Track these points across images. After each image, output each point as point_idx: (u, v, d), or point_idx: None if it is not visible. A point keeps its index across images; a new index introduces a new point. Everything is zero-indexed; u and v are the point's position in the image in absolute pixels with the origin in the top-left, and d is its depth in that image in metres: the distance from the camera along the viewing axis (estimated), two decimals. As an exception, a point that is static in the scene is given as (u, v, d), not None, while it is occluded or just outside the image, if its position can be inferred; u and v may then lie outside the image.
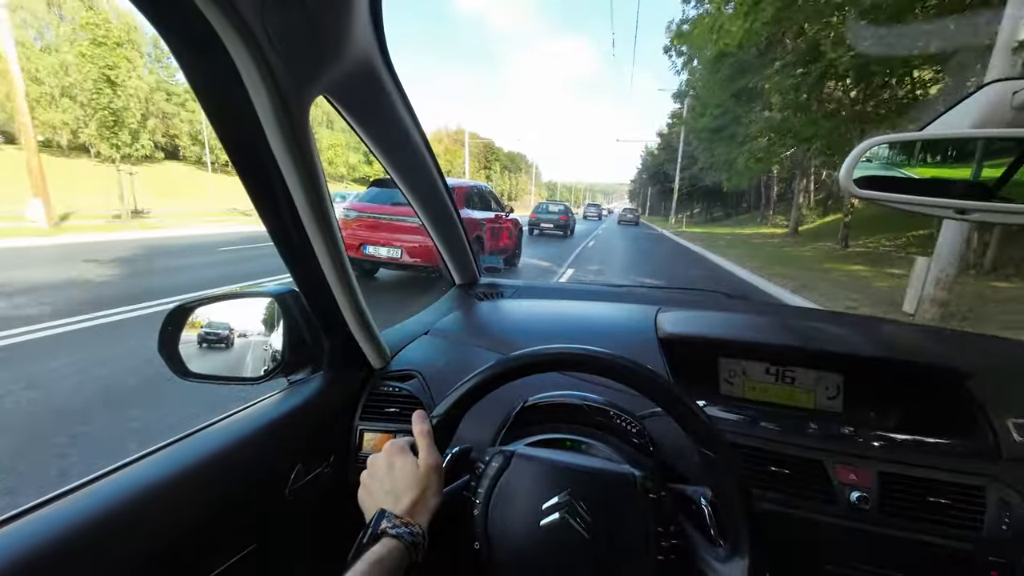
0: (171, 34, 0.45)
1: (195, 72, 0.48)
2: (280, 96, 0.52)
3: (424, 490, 0.52)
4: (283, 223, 0.66)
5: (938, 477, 0.73)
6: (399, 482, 0.53)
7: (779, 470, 0.77)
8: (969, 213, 0.57)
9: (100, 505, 0.51)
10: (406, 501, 0.51)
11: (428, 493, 0.53)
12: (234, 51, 0.46)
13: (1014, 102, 0.54)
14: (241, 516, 0.64)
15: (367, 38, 0.57)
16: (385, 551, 0.46)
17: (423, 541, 0.49)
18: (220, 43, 0.45)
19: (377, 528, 0.48)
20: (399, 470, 0.54)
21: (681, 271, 10.53)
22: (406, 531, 0.48)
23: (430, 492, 0.53)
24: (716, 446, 0.51)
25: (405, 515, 0.50)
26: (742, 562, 0.47)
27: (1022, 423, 0.79)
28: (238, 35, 0.45)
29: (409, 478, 0.53)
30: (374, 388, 0.93)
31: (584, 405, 0.80)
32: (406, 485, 0.53)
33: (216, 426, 0.69)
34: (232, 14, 0.43)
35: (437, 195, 0.99)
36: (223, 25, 0.43)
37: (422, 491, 0.52)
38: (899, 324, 1.27)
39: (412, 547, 0.47)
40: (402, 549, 0.46)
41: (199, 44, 0.45)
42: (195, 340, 0.83)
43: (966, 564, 0.69)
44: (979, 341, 1.12)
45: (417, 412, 0.58)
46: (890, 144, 0.61)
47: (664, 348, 0.98)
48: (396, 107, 0.71)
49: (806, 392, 0.94)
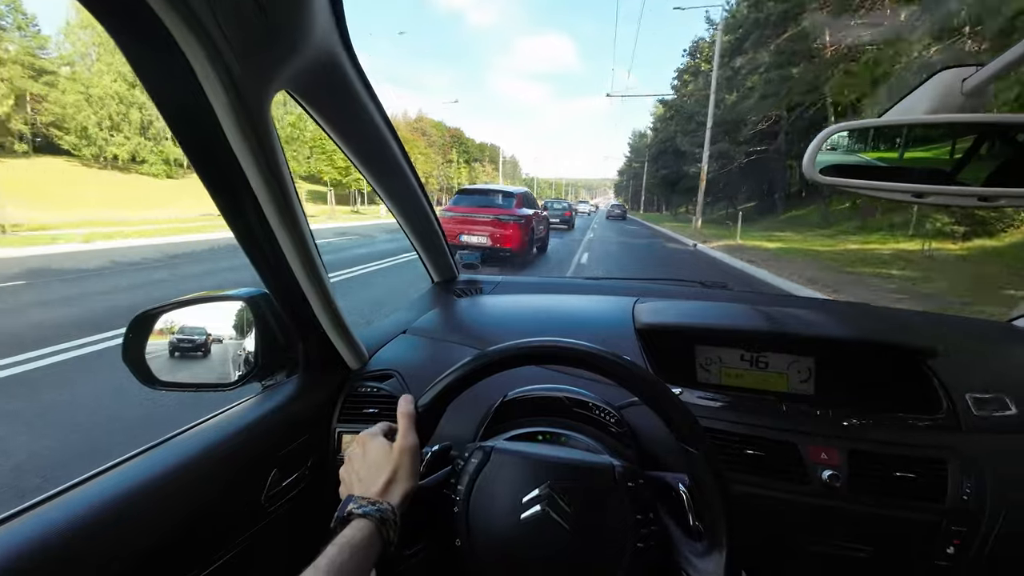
0: (117, 29, 0.43)
1: (145, 69, 0.46)
2: (237, 92, 0.50)
3: (395, 470, 0.52)
4: (248, 224, 0.64)
5: (903, 453, 0.76)
6: (371, 467, 0.53)
7: (755, 453, 0.79)
8: (925, 196, 0.59)
9: (67, 518, 0.50)
10: (378, 483, 0.51)
11: (400, 474, 0.52)
12: (185, 45, 0.44)
13: (964, 88, 0.56)
14: (215, 525, 0.63)
15: (328, 32, 0.55)
16: (354, 532, 0.45)
17: (393, 518, 0.48)
18: (170, 37, 0.43)
19: (344, 511, 0.48)
20: (370, 454, 0.54)
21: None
22: (373, 509, 0.47)
23: (402, 472, 0.52)
24: (696, 441, 0.52)
25: (375, 496, 0.50)
26: (719, 557, 0.48)
27: (979, 397, 0.82)
28: (188, 28, 0.43)
29: (380, 460, 0.53)
30: (352, 390, 0.92)
31: (564, 398, 0.80)
32: (377, 468, 0.52)
33: (186, 434, 0.68)
34: (180, 6, 0.41)
35: (410, 192, 0.98)
36: (172, 19, 0.42)
37: (393, 471, 0.52)
38: (867, 307, 1.32)
39: (381, 523, 0.47)
40: (371, 527, 0.46)
41: (147, 39, 0.43)
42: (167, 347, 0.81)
43: (931, 534, 0.72)
44: (940, 320, 1.17)
45: (404, 396, 0.58)
46: (850, 132, 0.62)
47: (641, 338, 0.99)
48: (362, 103, 0.69)
49: (779, 376, 0.96)
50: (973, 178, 0.58)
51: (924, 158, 0.61)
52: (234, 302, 0.83)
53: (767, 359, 0.97)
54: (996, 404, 0.82)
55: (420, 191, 1.02)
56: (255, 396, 0.81)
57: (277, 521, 0.73)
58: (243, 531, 0.67)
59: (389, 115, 0.75)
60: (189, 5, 0.42)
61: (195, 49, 0.45)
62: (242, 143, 0.54)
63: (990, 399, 0.83)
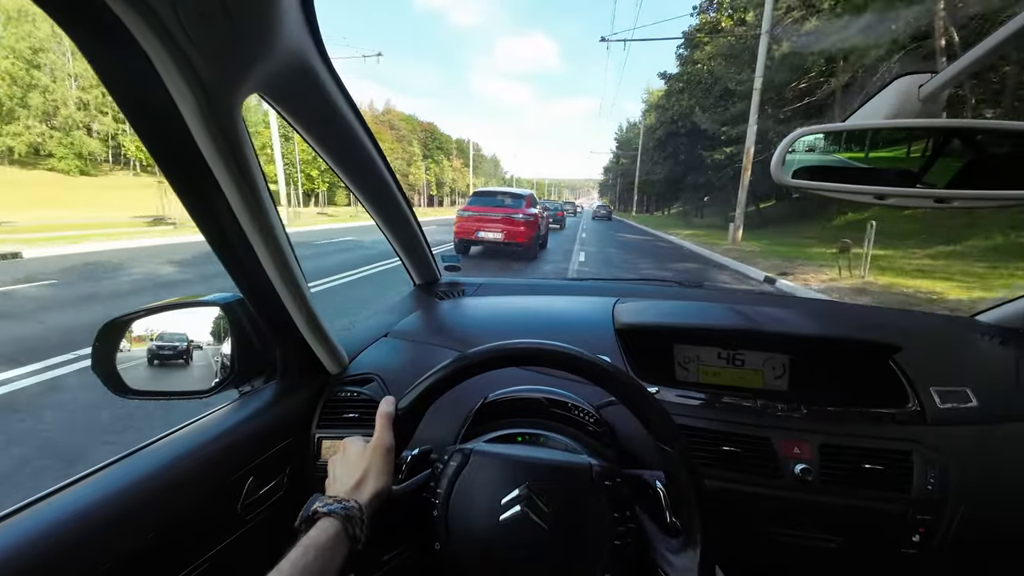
0: (79, 32, 0.42)
1: (107, 69, 0.45)
2: (206, 95, 0.49)
3: (367, 469, 0.52)
4: (221, 229, 0.63)
5: (871, 445, 0.79)
6: (346, 466, 0.53)
7: (731, 449, 0.81)
8: (886, 198, 0.61)
9: (37, 529, 0.49)
10: (350, 482, 0.51)
11: (371, 472, 0.52)
12: (150, 49, 0.43)
13: (920, 94, 0.58)
14: (188, 535, 0.62)
15: (299, 34, 0.55)
16: (319, 532, 0.45)
17: (360, 515, 0.48)
18: (132, 39, 0.42)
19: (308, 511, 0.47)
20: (347, 457, 0.54)
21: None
22: (339, 507, 0.47)
23: (374, 471, 0.52)
24: (672, 440, 0.53)
25: (344, 495, 0.49)
26: (694, 553, 0.49)
27: (943, 390, 0.86)
28: (152, 32, 0.42)
29: (355, 460, 0.53)
30: (332, 395, 0.91)
31: (543, 399, 0.81)
32: (351, 467, 0.52)
33: (158, 444, 0.66)
34: (143, 9, 0.40)
35: (388, 193, 0.97)
36: (133, 19, 0.41)
37: (365, 470, 0.52)
38: (839, 304, 1.35)
39: (347, 520, 0.46)
40: (337, 526, 0.45)
41: (110, 42, 0.43)
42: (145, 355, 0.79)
43: (898, 523, 0.75)
44: (908, 316, 1.21)
45: (386, 397, 0.58)
46: (815, 135, 0.64)
47: (621, 338, 1.01)
48: (337, 105, 0.69)
49: (755, 373, 0.99)
50: (930, 180, 0.60)
51: (885, 161, 0.63)
52: (209, 308, 0.82)
53: (743, 357, 0.99)
54: (959, 397, 0.85)
55: (399, 193, 1.02)
56: (231, 403, 0.80)
57: (255, 529, 0.72)
58: (218, 541, 0.66)
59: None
60: (150, 6, 0.41)
61: (159, 51, 0.44)
62: (212, 146, 0.53)
63: (953, 392, 0.86)
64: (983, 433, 0.79)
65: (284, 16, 0.50)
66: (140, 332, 0.79)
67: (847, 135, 0.67)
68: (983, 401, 0.84)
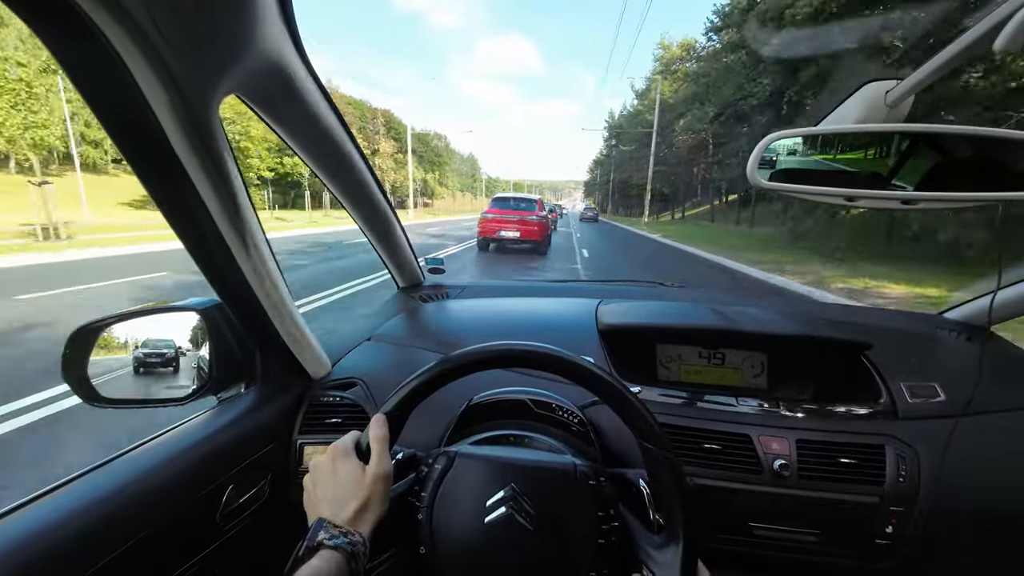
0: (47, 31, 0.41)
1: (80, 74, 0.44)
2: (181, 96, 0.48)
3: (368, 498, 0.51)
4: (198, 232, 0.62)
5: (846, 440, 0.81)
6: (342, 489, 0.51)
7: (712, 446, 0.82)
8: (856, 200, 0.64)
9: (5, 544, 0.47)
10: (349, 509, 0.49)
11: (372, 501, 0.51)
12: (121, 48, 0.42)
13: (887, 100, 0.61)
14: (167, 547, 0.60)
15: (278, 34, 0.54)
16: (322, 564, 0.44)
17: (364, 550, 0.47)
18: (105, 40, 0.41)
19: (314, 540, 0.46)
20: (343, 476, 0.52)
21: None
22: (345, 541, 0.46)
23: (375, 501, 0.51)
24: (655, 440, 0.53)
25: (346, 524, 0.48)
26: (676, 549, 0.50)
27: (912, 386, 0.89)
28: (124, 31, 0.41)
29: (353, 485, 0.51)
30: (314, 400, 0.90)
31: (527, 400, 0.81)
32: (350, 493, 0.50)
33: (134, 452, 0.65)
34: (115, 9, 0.39)
35: (370, 196, 0.97)
36: (105, 20, 0.40)
37: (366, 499, 0.50)
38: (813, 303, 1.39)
39: (352, 557, 0.46)
40: (341, 561, 0.45)
41: (80, 42, 0.41)
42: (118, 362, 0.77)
43: (872, 515, 0.77)
44: (879, 315, 1.25)
45: (377, 416, 0.56)
46: (788, 139, 0.66)
47: (604, 339, 1.02)
48: (317, 107, 0.68)
49: (735, 371, 1.01)
50: (897, 183, 0.63)
51: (855, 164, 0.65)
52: (186, 313, 0.80)
53: (723, 355, 1.01)
54: (928, 391, 0.88)
55: (382, 196, 1.01)
56: (209, 410, 0.78)
57: (236, 539, 0.71)
58: (196, 552, 0.64)
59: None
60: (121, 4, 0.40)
61: (131, 50, 0.43)
62: (187, 147, 0.52)
63: (922, 387, 0.89)
64: (950, 426, 0.82)
65: (262, 16, 0.49)
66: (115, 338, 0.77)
67: (821, 139, 0.69)
68: (950, 395, 0.87)
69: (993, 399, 0.86)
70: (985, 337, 1.09)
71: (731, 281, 9.35)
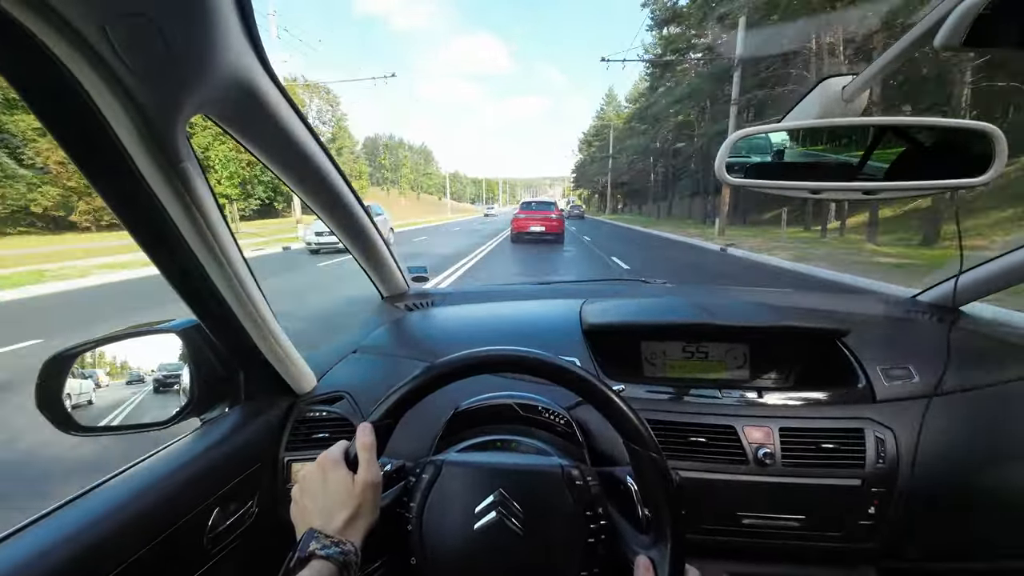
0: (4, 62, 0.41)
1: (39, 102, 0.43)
2: (144, 120, 0.48)
3: (359, 507, 0.50)
4: (170, 255, 0.62)
5: (826, 426, 0.83)
6: (332, 498, 0.50)
7: (698, 439, 0.83)
8: (820, 192, 0.66)
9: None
10: (340, 519, 0.49)
11: (363, 510, 0.51)
12: (80, 75, 0.42)
13: (844, 95, 0.63)
14: (154, 573, 0.59)
15: (243, 52, 0.54)
16: (314, 574, 0.44)
17: (356, 559, 0.47)
18: (63, 67, 0.41)
19: (305, 550, 0.46)
20: (332, 485, 0.51)
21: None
22: (336, 551, 0.46)
23: (365, 509, 0.51)
24: (640, 439, 0.54)
25: (337, 533, 0.48)
26: (664, 547, 0.50)
27: (888, 369, 0.91)
28: (82, 57, 0.41)
29: (342, 494, 0.51)
30: (300, 416, 0.89)
31: (513, 404, 0.82)
32: (340, 502, 0.50)
33: (117, 479, 0.63)
34: (69, 34, 0.39)
35: (347, 207, 0.96)
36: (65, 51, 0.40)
37: (356, 508, 0.50)
38: (790, 293, 1.42)
39: (344, 567, 0.45)
40: (333, 571, 0.45)
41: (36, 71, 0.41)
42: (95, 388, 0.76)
43: (854, 498, 0.79)
44: (855, 300, 1.28)
45: (363, 425, 0.56)
46: (753, 136, 0.68)
47: (589, 338, 1.03)
48: (287, 122, 0.68)
49: (719, 364, 1.03)
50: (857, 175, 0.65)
51: (816, 158, 0.68)
52: (164, 335, 0.79)
53: (707, 349, 1.03)
54: (903, 374, 0.91)
55: (359, 205, 1.01)
56: (193, 432, 0.77)
57: (223, 562, 0.70)
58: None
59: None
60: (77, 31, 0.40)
61: (90, 77, 0.43)
62: (154, 171, 0.52)
63: (897, 370, 0.92)
64: (924, 407, 0.85)
65: (224, 36, 0.49)
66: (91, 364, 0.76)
67: (780, 135, 0.71)
68: (923, 377, 0.90)
69: (961, 379, 0.89)
70: (954, 318, 1.13)
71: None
